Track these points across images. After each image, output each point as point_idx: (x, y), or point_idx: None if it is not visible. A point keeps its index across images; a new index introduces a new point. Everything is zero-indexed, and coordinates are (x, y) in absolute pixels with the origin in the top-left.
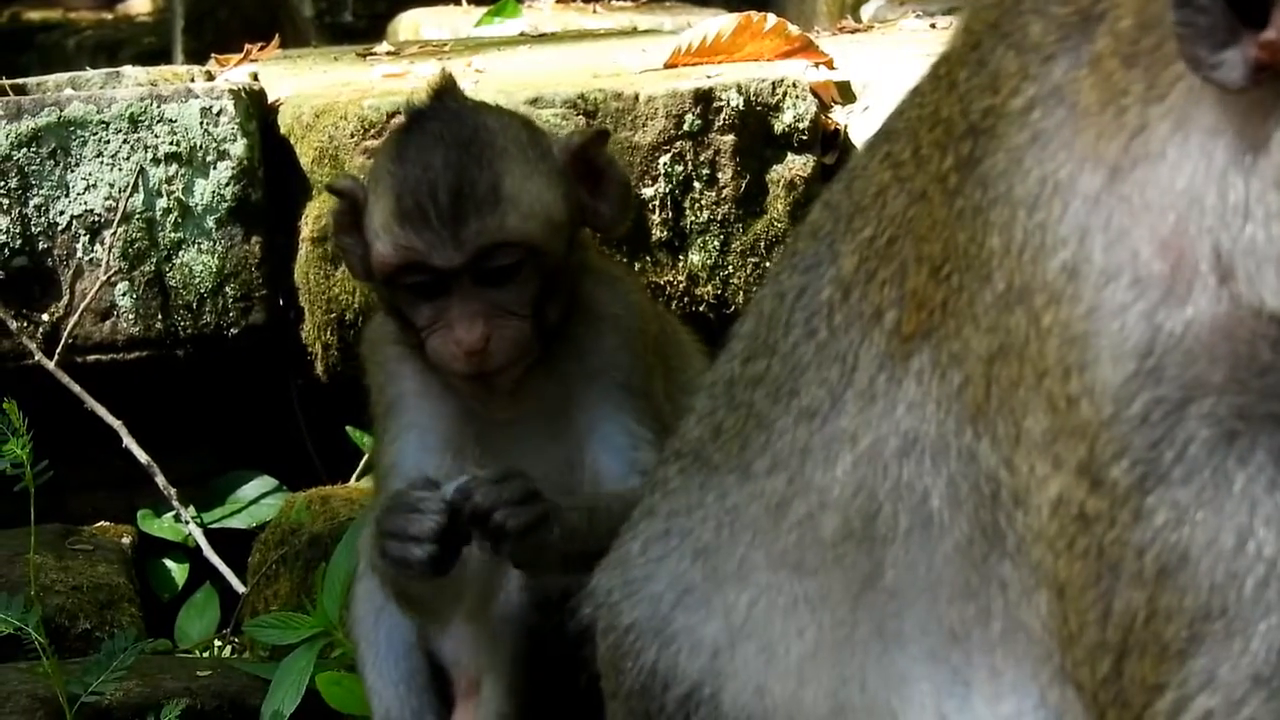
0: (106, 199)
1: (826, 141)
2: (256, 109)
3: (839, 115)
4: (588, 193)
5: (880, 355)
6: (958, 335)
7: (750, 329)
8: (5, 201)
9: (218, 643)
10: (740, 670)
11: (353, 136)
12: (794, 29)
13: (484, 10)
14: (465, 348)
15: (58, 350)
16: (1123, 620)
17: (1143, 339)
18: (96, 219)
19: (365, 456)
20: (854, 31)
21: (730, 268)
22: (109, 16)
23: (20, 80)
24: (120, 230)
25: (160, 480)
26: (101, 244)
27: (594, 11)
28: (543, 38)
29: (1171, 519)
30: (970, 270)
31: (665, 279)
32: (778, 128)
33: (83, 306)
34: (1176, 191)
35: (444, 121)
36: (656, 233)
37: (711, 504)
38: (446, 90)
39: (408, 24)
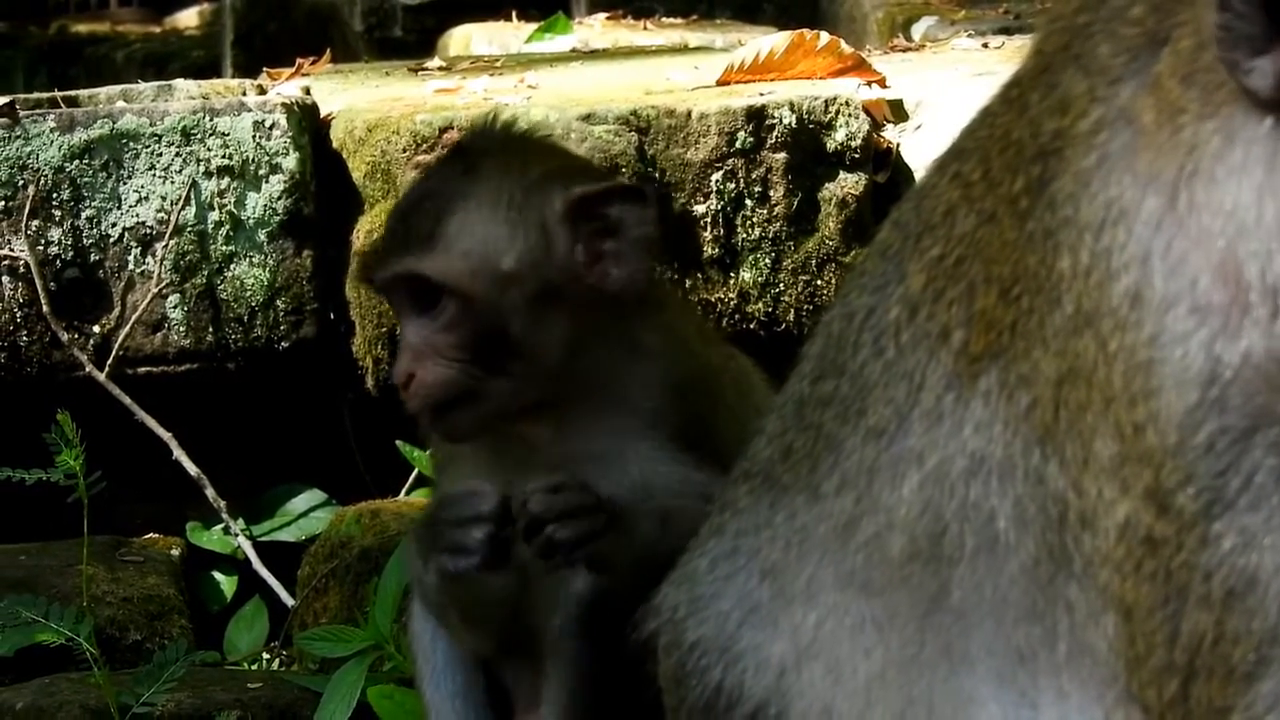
0: (158, 211)
1: (879, 160)
2: (309, 123)
3: (891, 134)
4: (591, 247)
5: (948, 375)
6: (1026, 357)
7: (819, 349)
8: (57, 213)
9: (266, 655)
10: (807, 690)
11: (404, 151)
12: (846, 47)
13: (534, 26)
14: (395, 380)
15: (109, 362)
16: (1190, 643)
17: (1205, 368)
18: (148, 231)
19: (415, 471)
20: (906, 50)
21: (781, 285)
22: (157, 30)
23: (72, 93)
24: (172, 243)
25: (210, 493)
26: (153, 256)
27: (645, 28)
28: (595, 54)
29: (1239, 544)
30: (1040, 293)
31: (716, 296)
32: (830, 146)
33: (133, 319)
34: (1225, 213)
35: (452, 152)
36: (708, 250)
37: (780, 523)
38: (485, 124)
39: (458, 39)
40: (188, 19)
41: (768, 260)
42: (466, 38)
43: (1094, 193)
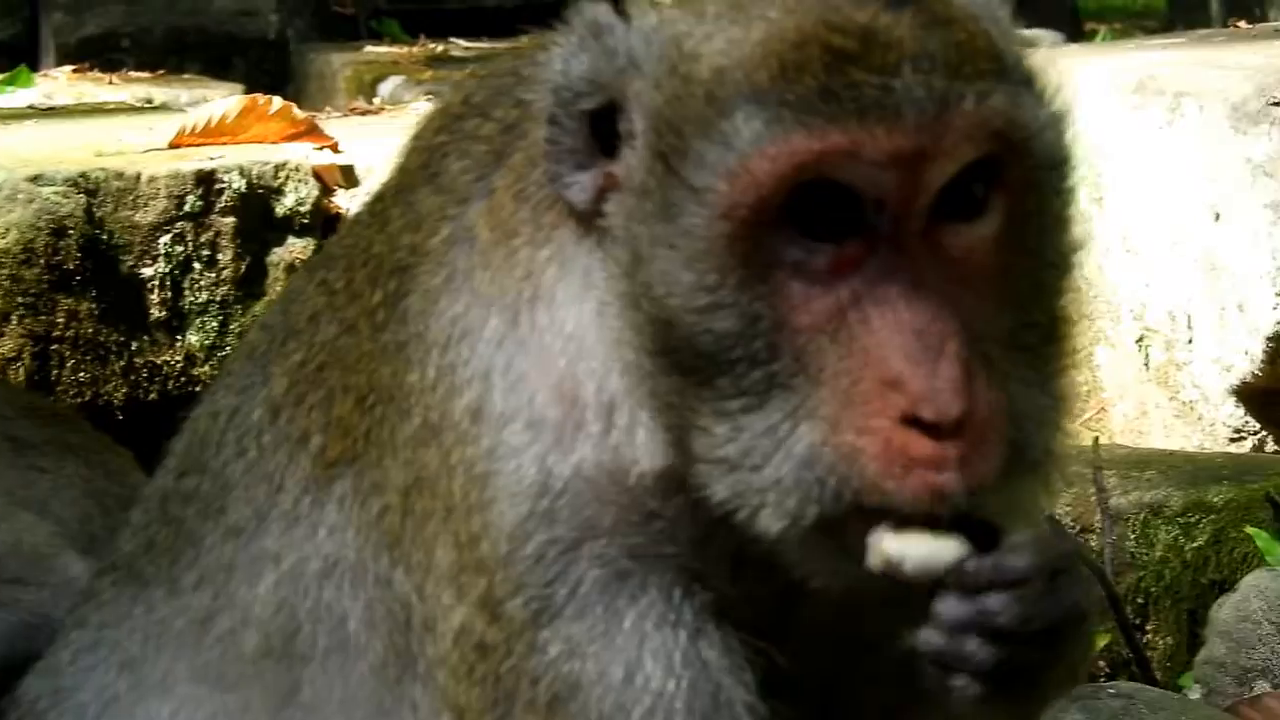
0: None
1: (328, 225)
2: None
3: (342, 199)
4: None
5: (306, 479)
6: (379, 465)
7: (185, 446)
8: None
9: None
10: None
11: None
12: (300, 112)
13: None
14: None
15: None
16: None
17: (536, 481)
18: None
19: None
20: (365, 113)
21: (228, 348)
22: None
23: None
24: None
25: None
26: None
27: (110, 83)
28: (52, 111)
29: (564, 651)
30: (392, 403)
31: (163, 359)
32: (279, 211)
33: None
34: (566, 335)
35: None
36: (155, 312)
37: (140, 617)
38: None
39: None
40: None
41: (215, 323)
42: None
43: (441, 309)
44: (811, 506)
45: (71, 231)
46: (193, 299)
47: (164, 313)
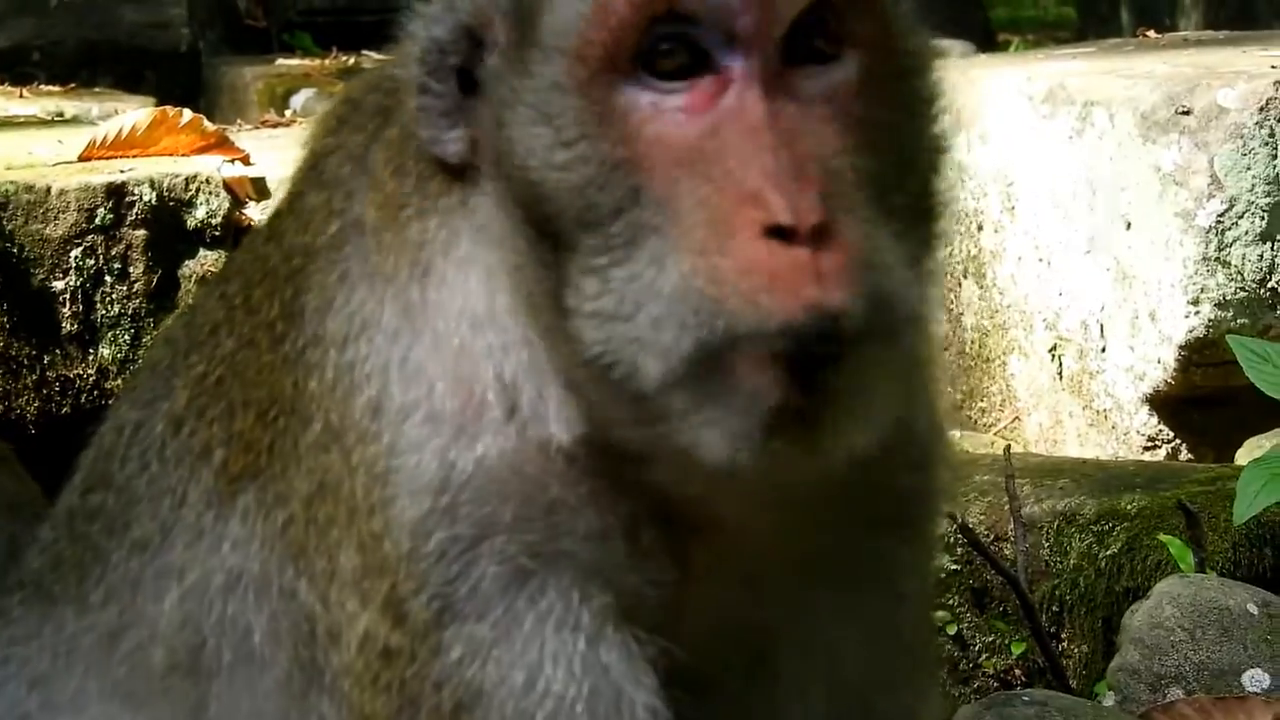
0: None
1: (240, 237)
2: None
3: (253, 211)
4: None
5: (208, 492)
6: (283, 476)
7: (90, 461)
8: None
9: None
10: None
11: None
12: (209, 125)
13: None
14: None
15: None
16: None
17: (437, 476)
18: None
19: None
20: (276, 125)
21: (141, 361)
22: None
23: None
24: None
25: None
26: None
27: (21, 96)
28: None
29: (467, 655)
30: (294, 413)
31: (75, 372)
32: (190, 223)
33: None
34: (458, 311)
35: None
36: (67, 326)
37: (49, 634)
38: None
39: None
40: None
41: (127, 336)
42: None
43: (338, 307)
44: (685, 339)
45: None
46: (105, 312)
47: (76, 326)
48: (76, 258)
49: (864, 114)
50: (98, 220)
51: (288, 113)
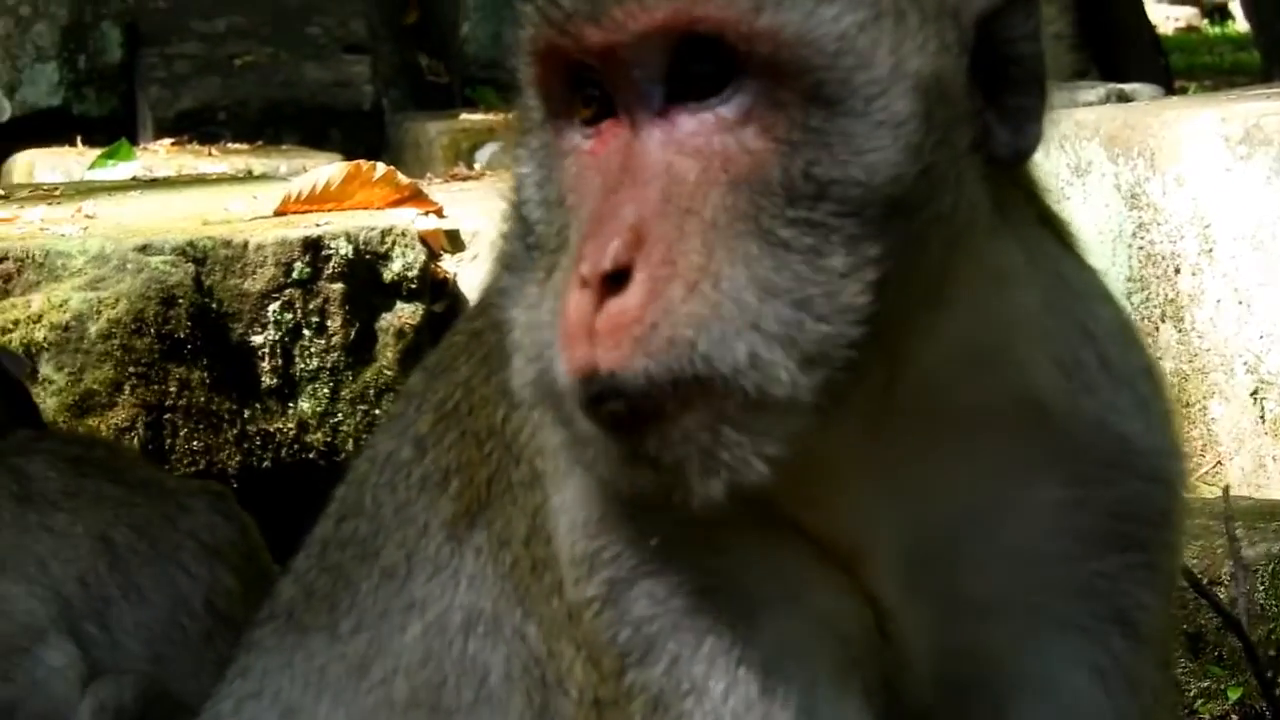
0: None
1: (436, 290)
2: None
3: (448, 264)
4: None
5: (446, 525)
6: (504, 513)
7: (344, 491)
8: None
9: None
10: None
11: None
12: (403, 178)
13: (99, 152)
14: None
15: None
16: None
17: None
18: None
19: None
20: (465, 179)
21: (340, 415)
22: None
23: None
24: None
25: None
26: None
27: (209, 154)
28: (155, 183)
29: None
30: (507, 450)
31: (275, 426)
32: (387, 276)
33: None
34: None
35: None
36: (266, 380)
37: (300, 664)
38: None
39: (22, 166)
40: None
41: (326, 390)
42: (30, 164)
43: None
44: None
45: (181, 300)
46: (303, 366)
47: (275, 380)
48: (275, 311)
49: (763, 145)
50: (295, 274)
51: (476, 166)
